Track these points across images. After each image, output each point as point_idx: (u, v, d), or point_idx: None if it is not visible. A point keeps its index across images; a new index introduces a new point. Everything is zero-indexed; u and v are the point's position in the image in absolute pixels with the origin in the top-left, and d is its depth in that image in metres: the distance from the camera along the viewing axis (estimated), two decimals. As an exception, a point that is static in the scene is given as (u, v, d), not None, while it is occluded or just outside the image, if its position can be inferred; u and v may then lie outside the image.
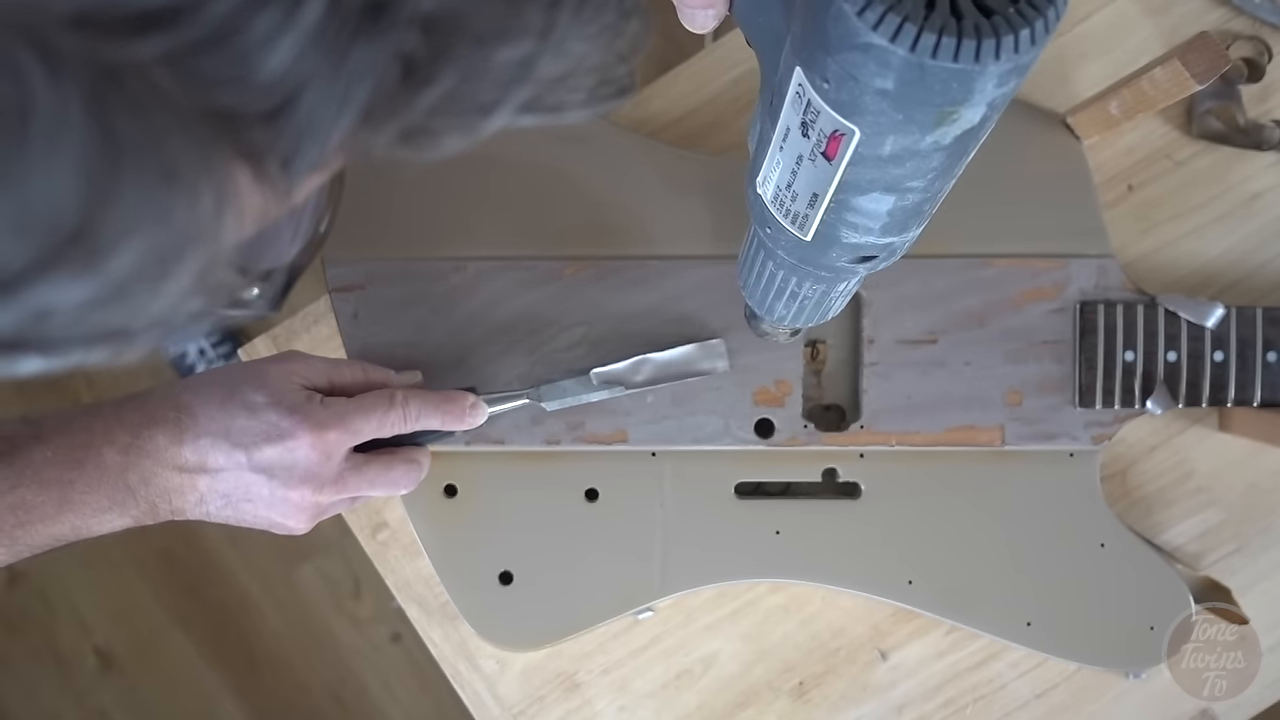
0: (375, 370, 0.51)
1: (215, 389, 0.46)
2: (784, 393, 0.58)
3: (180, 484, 0.45)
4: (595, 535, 0.59)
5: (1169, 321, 0.57)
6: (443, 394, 0.51)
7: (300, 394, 0.47)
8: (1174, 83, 0.52)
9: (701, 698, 0.63)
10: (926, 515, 0.59)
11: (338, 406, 0.47)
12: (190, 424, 0.44)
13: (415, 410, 0.50)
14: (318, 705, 1.40)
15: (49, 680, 1.39)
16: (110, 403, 0.45)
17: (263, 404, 0.45)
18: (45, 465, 0.42)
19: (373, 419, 0.48)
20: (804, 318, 0.44)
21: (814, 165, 0.31)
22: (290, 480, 0.46)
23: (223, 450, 0.45)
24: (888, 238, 0.34)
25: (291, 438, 0.45)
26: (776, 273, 0.41)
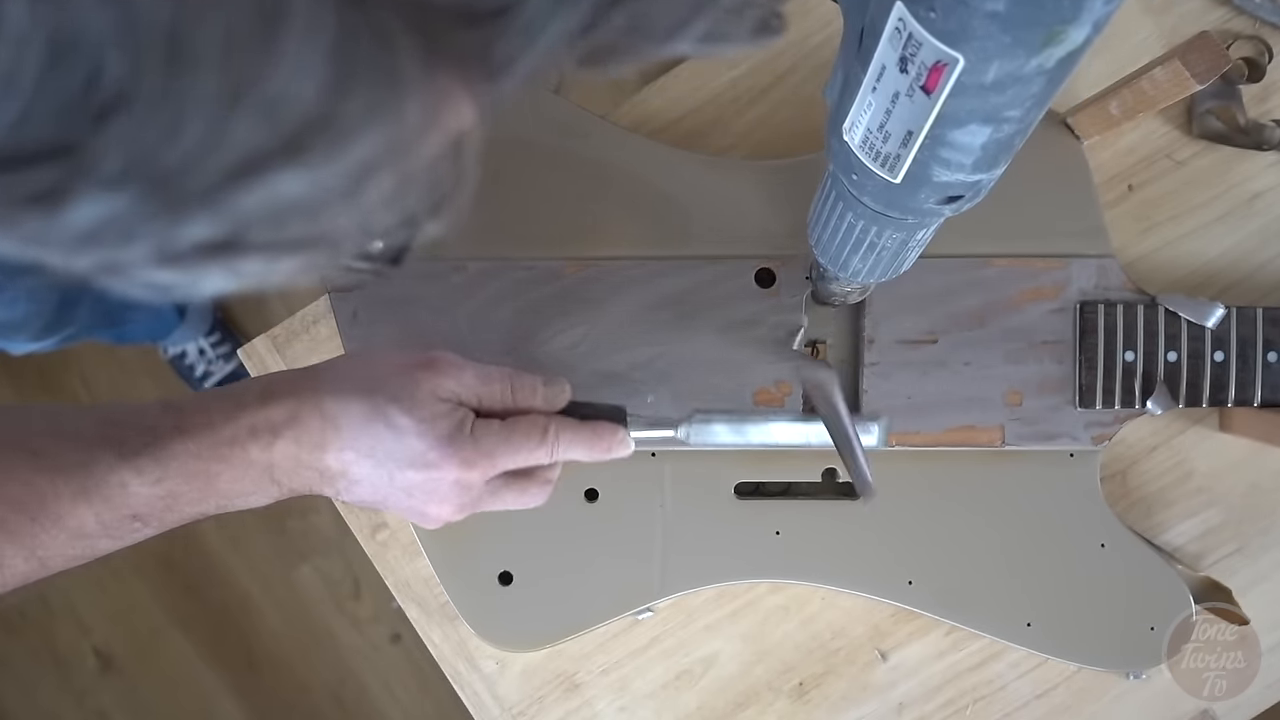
0: (524, 387, 0.49)
1: (361, 400, 0.45)
2: (784, 393, 0.58)
3: (322, 481, 0.46)
4: (595, 536, 0.59)
5: (1169, 321, 0.57)
6: (593, 429, 0.50)
7: (450, 420, 0.46)
8: (1174, 83, 0.52)
9: (701, 698, 0.63)
10: (926, 515, 0.59)
11: (487, 442, 0.46)
12: (334, 435, 0.44)
13: (564, 446, 0.49)
14: (318, 705, 1.39)
15: (48, 680, 1.39)
16: (254, 391, 0.45)
17: (410, 429, 0.44)
18: (190, 459, 0.43)
19: (520, 455, 0.47)
20: (879, 271, 0.45)
21: (911, 101, 0.31)
22: (429, 501, 0.46)
23: (366, 466, 0.45)
24: (977, 174, 0.34)
25: (436, 469, 0.45)
26: (856, 223, 0.41)
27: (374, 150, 0.19)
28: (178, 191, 0.17)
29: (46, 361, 1.39)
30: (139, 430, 0.43)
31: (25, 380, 1.41)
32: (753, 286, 0.58)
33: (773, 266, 0.58)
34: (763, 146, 0.63)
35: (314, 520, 1.39)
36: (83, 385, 1.41)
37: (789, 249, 0.59)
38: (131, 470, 0.42)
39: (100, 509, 0.42)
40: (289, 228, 0.19)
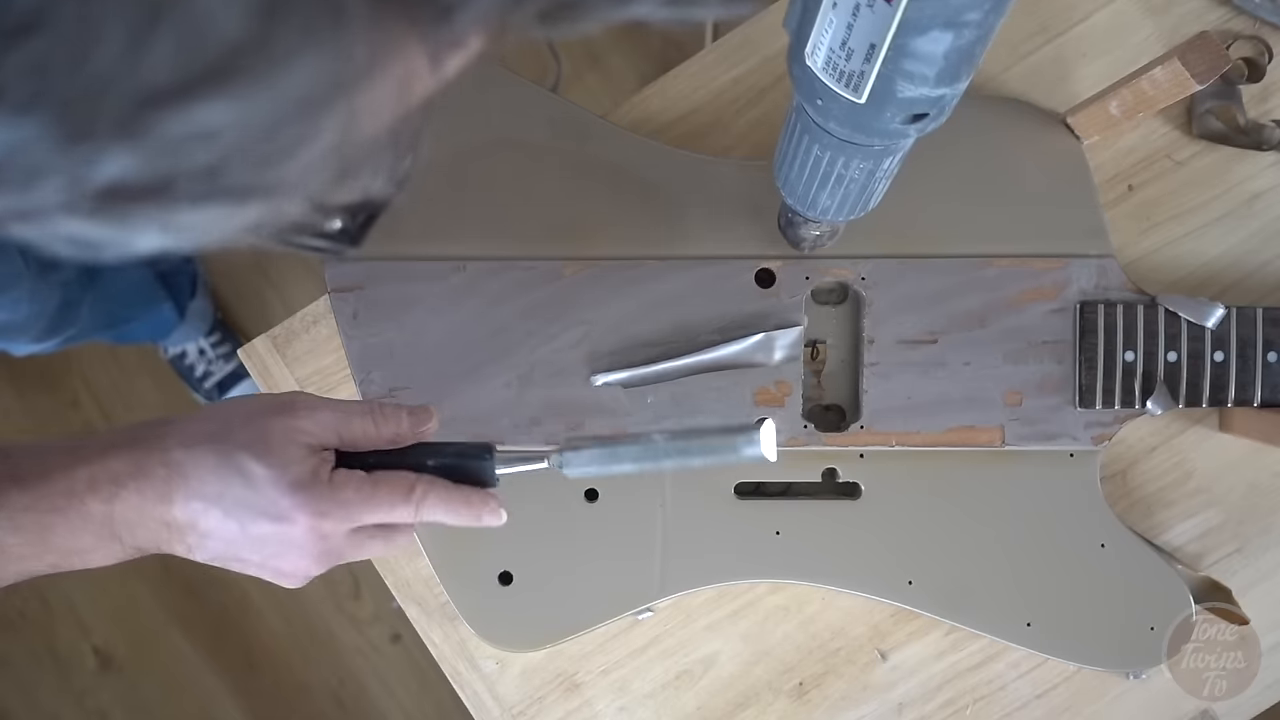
0: (387, 417, 0.46)
1: (210, 448, 0.42)
2: (784, 393, 0.58)
3: (169, 537, 0.43)
4: (595, 535, 0.59)
5: (1169, 322, 0.57)
6: (464, 495, 0.46)
7: (305, 465, 0.43)
8: (1174, 83, 0.52)
9: (701, 698, 0.63)
10: (926, 515, 0.59)
11: (345, 493, 0.43)
12: (181, 485, 0.41)
13: (429, 508, 0.45)
14: (317, 706, 1.39)
15: (48, 680, 1.39)
16: (95, 444, 0.42)
17: (262, 477, 0.42)
18: (22, 511, 0.40)
19: (380, 512, 0.44)
20: (848, 206, 0.45)
21: (872, 11, 0.32)
22: (283, 556, 0.44)
23: (215, 517, 0.42)
24: (941, 88, 0.35)
25: (289, 521, 0.42)
26: (823, 155, 0.41)
27: (310, 84, 0.17)
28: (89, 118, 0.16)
29: (47, 362, 1.39)
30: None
31: (26, 381, 1.41)
32: (753, 286, 0.58)
33: (773, 266, 0.58)
34: (762, 146, 0.63)
35: (314, 520, 1.39)
36: (83, 386, 1.41)
37: (789, 249, 0.59)
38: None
39: None
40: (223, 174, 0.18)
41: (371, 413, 0.46)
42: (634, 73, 1.41)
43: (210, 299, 1.38)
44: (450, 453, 0.47)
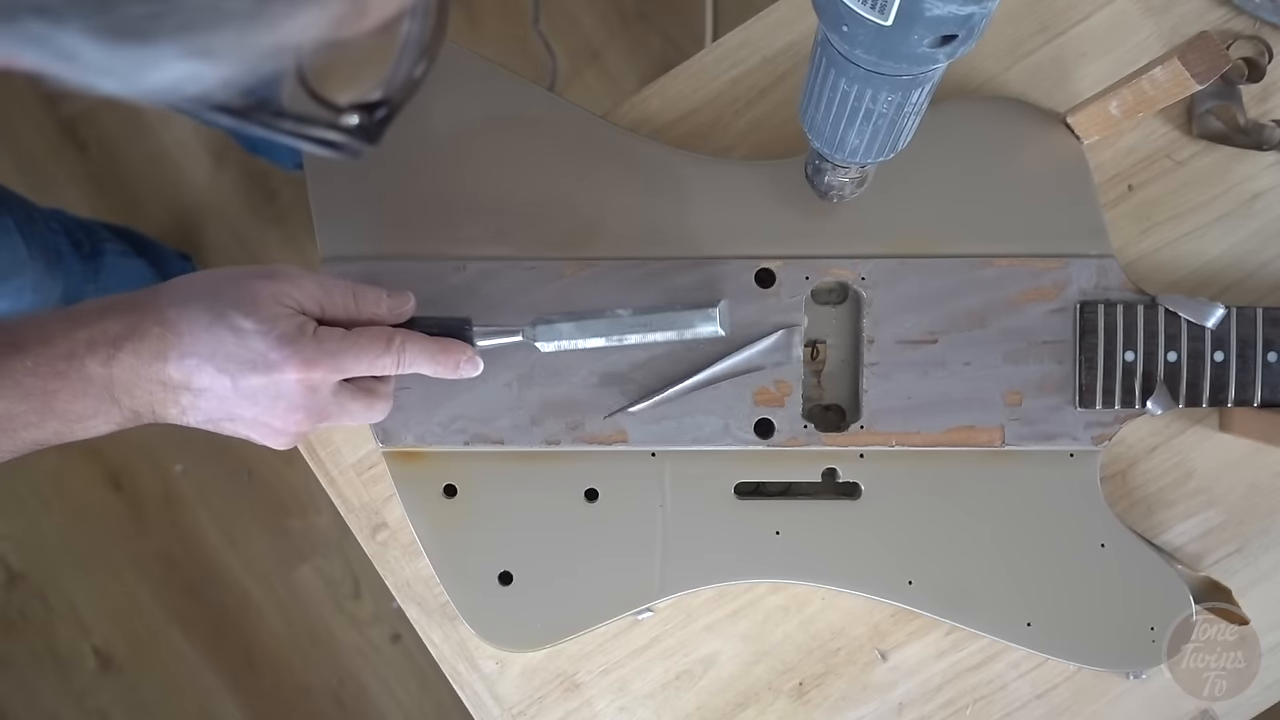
0: (367, 296, 0.49)
1: (202, 308, 0.44)
2: (784, 393, 0.58)
3: (164, 397, 0.44)
4: (595, 535, 0.59)
5: (1169, 322, 0.57)
6: (440, 344, 0.50)
7: (292, 322, 0.45)
8: (1174, 82, 0.52)
9: (701, 698, 0.63)
10: (926, 515, 0.59)
11: (330, 343, 0.46)
12: (175, 342, 0.43)
13: (410, 357, 0.48)
14: (317, 706, 1.39)
15: (49, 680, 1.39)
16: (92, 307, 0.44)
17: (252, 331, 0.44)
18: (26, 375, 0.42)
19: (364, 361, 0.47)
20: (877, 146, 0.44)
21: None
22: (273, 409, 0.45)
23: (208, 373, 0.44)
24: (969, 6, 0.34)
25: (278, 370, 0.44)
26: (850, 89, 0.41)
27: None
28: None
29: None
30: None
31: (25, 380, 1.41)
32: (753, 286, 0.58)
33: (773, 266, 0.58)
34: (762, 146, 0.63)
35: (314, 520, 1.39)
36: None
37: (789, 249, 0.59)
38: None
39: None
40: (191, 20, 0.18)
41: (353, 289, 0.48)
42: (634, 73, 1.41)
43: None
44: (430, 325, 0.51)
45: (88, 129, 1.41)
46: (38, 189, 1.06)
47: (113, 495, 1.37)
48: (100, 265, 1.08)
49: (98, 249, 1.08)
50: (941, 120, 0.59)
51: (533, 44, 1.39)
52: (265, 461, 1.38)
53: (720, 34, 0.66)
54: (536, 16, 1.36)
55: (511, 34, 1.40)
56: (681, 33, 1.40)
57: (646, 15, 1.41)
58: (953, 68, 0.62)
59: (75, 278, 1.01)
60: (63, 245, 1.00)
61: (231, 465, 1.39)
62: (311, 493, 1.37)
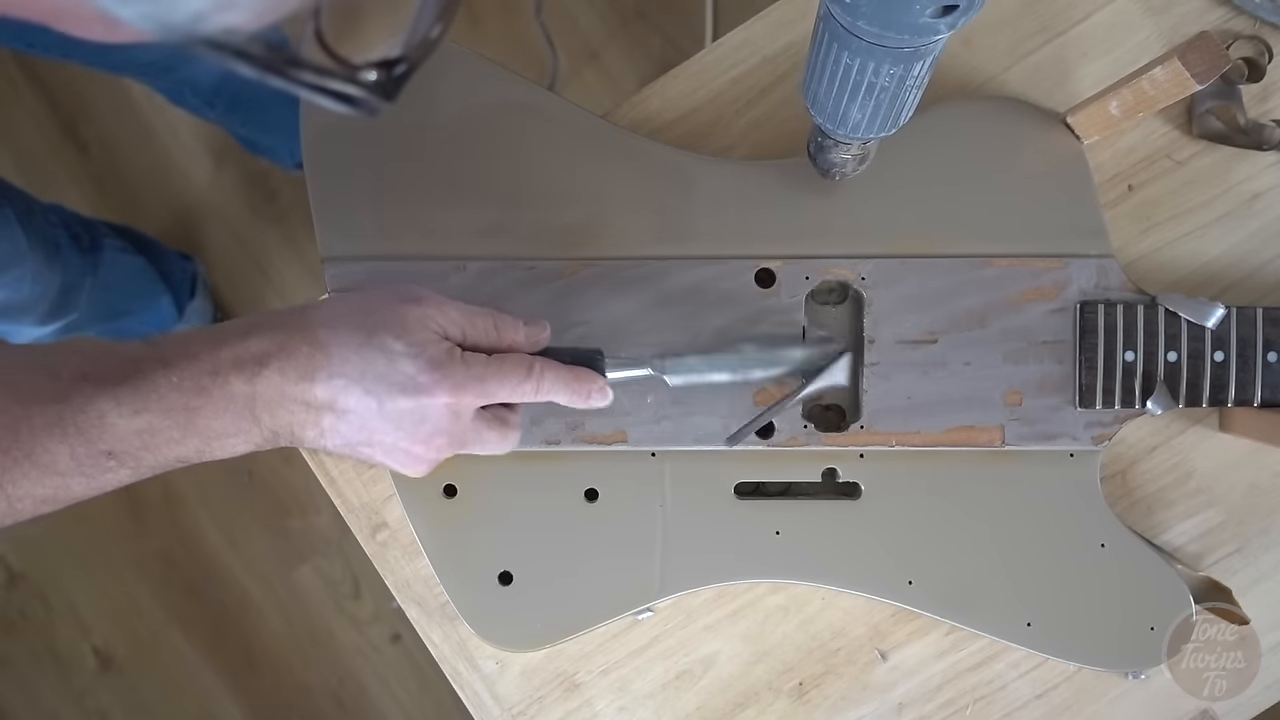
0: (506, 324, 0.49)
1: (353, 330, 0.44)
2: (784, 393, 0.58)
3: (305, 418, 0.44)
4: (595, 535, 0.59)
5: (1169, 322, 0.57)
6: (575, 373, 0.50)
7: (441, 346, 0.45)
8: (1174, 82, 0.52)
9: (701, 698, 0.63)
10: (926, 515, 0.59)
11: (477, 368, 0.46)
12: (324, 362, 0.43)
13: (548, 386, 0.48)
14: (317, 706, 1.39)
15: (49, 680, 1.39)
16: (237, 326, 0.44)
17: (402, 353, 0.44)
18: (171, 391, 0.42)
19: (507, 386, 0.47)
20: (879, 120, 0.44)
21: None
22: (416, 434, 0.45)
23: (355, 394, 0.44)
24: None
25: (428, 394, 0.44)
26: (853, 63, 0.41)
27: None
28: None
29: (47, 361, 1.39)
30: (119, 362, 0.42)
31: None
32: (753, 286, 0.58)
33: (773, 266, 0.58)
34: (763, 146, 0.63)
35: (314, 520, 1.39)
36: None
37: (789, 249, 0.59)
38: (110, 400, 0.41)
39: (75, 442, 0.41)
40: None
41: (494, 316, 0.48)
42: (634, 73, 1.41)
43: (210, 299, 1.38)
44: (563, 354, 0.51)
45: (88, 129, 1.41)
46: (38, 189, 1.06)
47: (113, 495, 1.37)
48: (99, 259, 1.08)
49: (96, 243, 1.09)
50: (942, 120, 0.59)
51: (533, 43, 1.39)
52: (265, 462, 1.38)
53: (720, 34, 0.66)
54: (539, 7, 1.36)
55: (512, 33, 1.40)
56: (681, 33, 1.40)
57: (646, 15, 1.41)
58: (953, 68, 0.63)
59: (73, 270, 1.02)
60: (62, 238, 1.00)
61: (231, 465, 1.38)
62: (311, 493, 1.37)
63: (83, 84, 1.40)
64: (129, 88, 1.40)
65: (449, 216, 0.59)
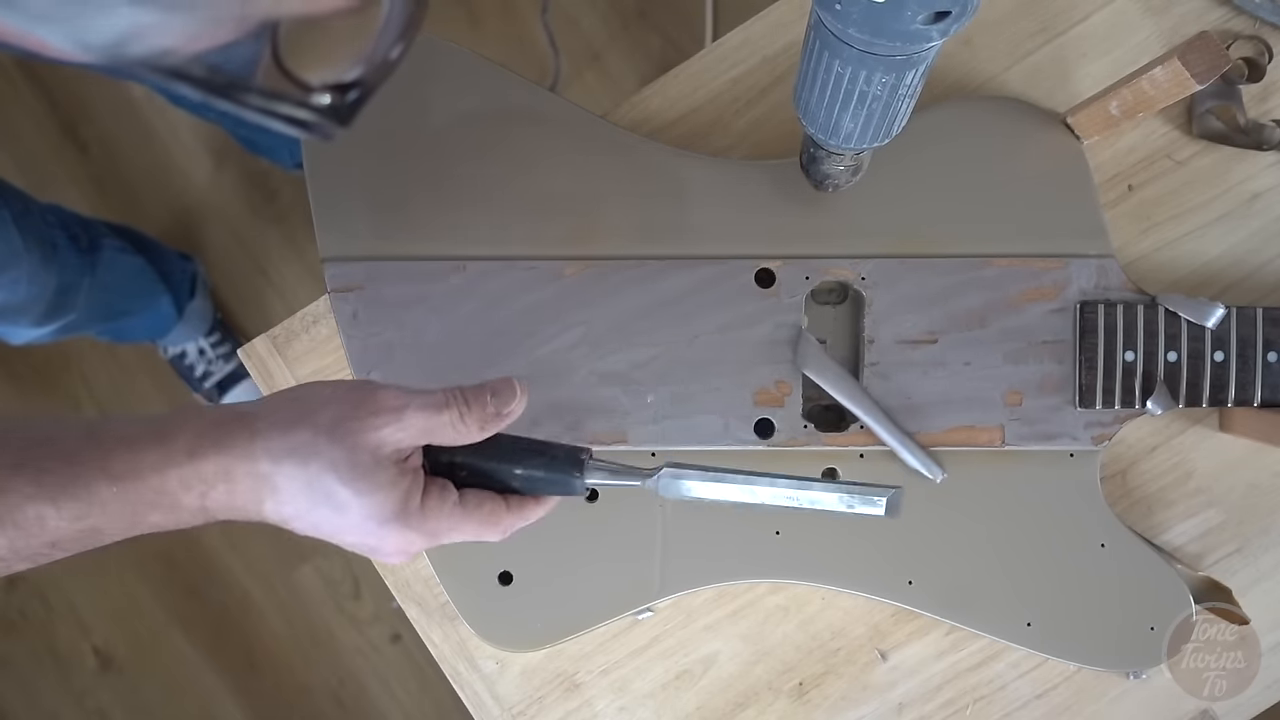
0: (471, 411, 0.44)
1: (297, 468, 0.41)
2: (784, 393, 0.58)
3: (262, 520, 0.44)
4: (595, 535, 0.59)
5: (1169, 322, 0.57)
6: (545, 507, 0.47)
7: (397, 491, 0.42)
8: (1174, 82, 0.52)
9: (701, 698, 0.63)
10: (926, 515, 0.59)
11: (431, 523, 0.44)
12: (270, 494, 0.42)
13: (514, 530, 0.46)
14: (318, 706, 1.39)
15: (49, 680, 1.39)
16: (182, 442, 0.42)
17: (351, 504, 0.42)
18: (114, 500, 0.41)
19: (467, 537, 0.45)
20: (870, 131, 0.44)
21: None
22: (375, 554, 0.45)
23: (306, 525, 0.43)
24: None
25: (379, 539, 0.43)
26: (844, 71, 0.40)
27: None
28: None
29: (47, 362, 1.39)
30: (61, 460, 0.40)
31: (25, 381, 1.41)
32: (753, 286, 0.58)
33: (773, 266, 0.58)
34: (762, 146, 0.63)
35: (314, 520, 1.39)
36: (83, 386, 1.41)
37: (789, 249, 0.59)
38: (49, 504, 0.40)
39: (13, 536, 0.40)
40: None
41: (457, 404, 0.44)
42: (634, 73, 1.41)
43: (210, 299, 1.38)
44: (539, 465, 0.46)
45: (88, 129, 1.41)
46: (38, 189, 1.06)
47: (113, 495, 1.37)
48: (97, 260, 1.08)
49: (95, 243, 1.08)
50: (942, 120, 0.59)
51: (533, 44, 1.39)
52: (265, 461, 1.38)
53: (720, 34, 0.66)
54: (545, 7, 1.35)
55: (512, 33, 1.40)
56: (681, 33, 1.40)
57: (646, 15, 1.41)
58: (953, 68, 0.63)
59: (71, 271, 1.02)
60: (59, 239, 1.00)
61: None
62: (311, 493, 1.37)
63: (83, 84, 1.40)
64: (129, 88, 1.40)
65: (449, 216, 0.59)
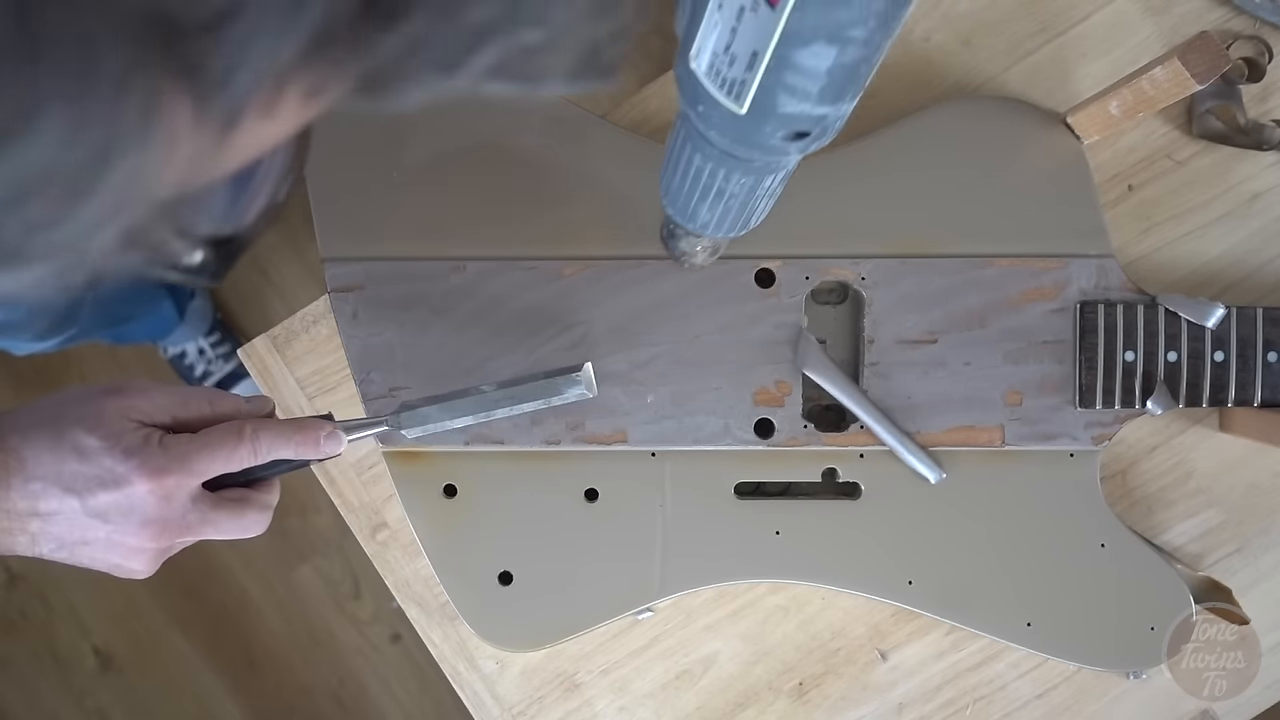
0: (224, 400, 0.47)
1: (44, 430, 0.42)
2: (784, 393, 0.58)
3: (10, 526, 0.42)
4: (595, 535, 0.59)
5: (1169, 321, 0.57)
6: (295, 423, 0.47)
7: (137, 435, 0.43)
8: (1174, 82, 0.52)
9: (701, 698, 0.63)
10: (926, 515, 0.59)
11: (179, 447, 0.43)
12: (18, 467, 0.41)
13: (266, 444, 0.46)
14: (318, 706, 1.39)
15: (49, 680, 1.39)
16: None
17: (95, 448, 0.42)
18: None
19: (219, 457, 0.44)
20: (727, 223, 0.44)
21: (755, 15, 0.31)
22: (128, 526, 0.43)
23: (55, 495, 0.42)
24: (823, 106, 0.34)
25: (127, 484, 0.42)
26: (704, 166, 0.40)
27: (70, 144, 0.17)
28: None
29: (46, 363, 1.39)
30: None
31: (25, 381, 1.41)
32: (753, 286, 0.58)
33: (773, 266, 0.58)
34: (763, 146, 0.63)
35: (314, 520, 1.39)
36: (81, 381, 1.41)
37: (789, 249, 0.58)
38: None
39: None
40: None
41: (209, 395, 0.46)
42: (634, 73, 1.41)
43: (210, 299, 1.38)
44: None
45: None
46: (38, 189, 1.06)
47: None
48: None
49: None
50: (942, 120, 0.59)
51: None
52: (265, 461, 1.38)
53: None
54: None
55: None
56: (681, 33, 1.40)
57: (646, 15, 1.40)
58: (953, 68, 0.63)
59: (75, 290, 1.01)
60: None
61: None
62: (311, 493, 1.37)
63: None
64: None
65: (449, 216, 0.59)
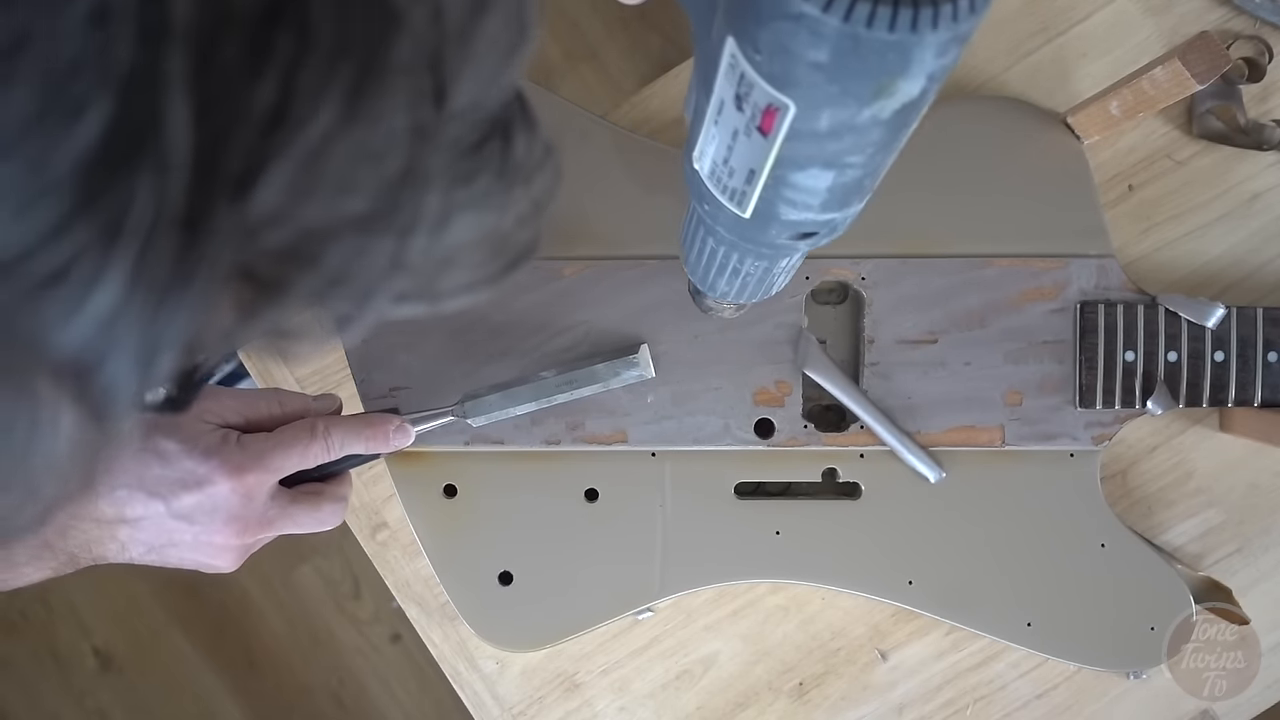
0: (291, 399, 0.49)
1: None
2: (784, 393, 0.58)
3: (100, 535, 0.44)
4: (595, 535, 0.59)
5: (1169, 321, 0.57)
6: (364, 418, 0.50)
7: (215, 435, 0.45)
8: (1174, 82, 0.52)
9: (701, 698, 0.63)
10: (926, 515, 0.59)
11: (255, 445, 0.45)
12: (103, 476, 0.42)
13: (338, 439, 0.48)
14: (317, 706, 1.39)
15: (49, 680, 1.39)
16: None
17: (176, 451, 0.43)
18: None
19: (294, 454, 0.46)
20: (747, 294, 0.44)
21: (750, 140, 0.29)
22: (212, 525, 0.45)
23: (140, 500, 0.43)
24: (828, 214, 0.33)
25: (210, 484, 0.44)
26: (718, 249, 0.40)
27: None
28: None
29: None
30: None
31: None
32: (753, 286, 0.58)
33: (773, 266, 0.58)
34: (763, 146, 0.63)
35: (314, 520, 1.39)
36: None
37: (789, 249, 0.58)
38: None
39: None
40: None
41: (277, 395, 0.48)
42: (634, 73, 1.41)
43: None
44: None
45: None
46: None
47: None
48: None
49: None
50: (942, 120, 0.59)
51: (533, 44, 1.39)
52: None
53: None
54: None
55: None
56: (681, 32, 1.40)
57: (646, 15, 1.41)
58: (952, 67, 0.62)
59: None
60: None
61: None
62: (311, 493, 1.37)
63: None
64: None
65: (449, 216, 0.59)
